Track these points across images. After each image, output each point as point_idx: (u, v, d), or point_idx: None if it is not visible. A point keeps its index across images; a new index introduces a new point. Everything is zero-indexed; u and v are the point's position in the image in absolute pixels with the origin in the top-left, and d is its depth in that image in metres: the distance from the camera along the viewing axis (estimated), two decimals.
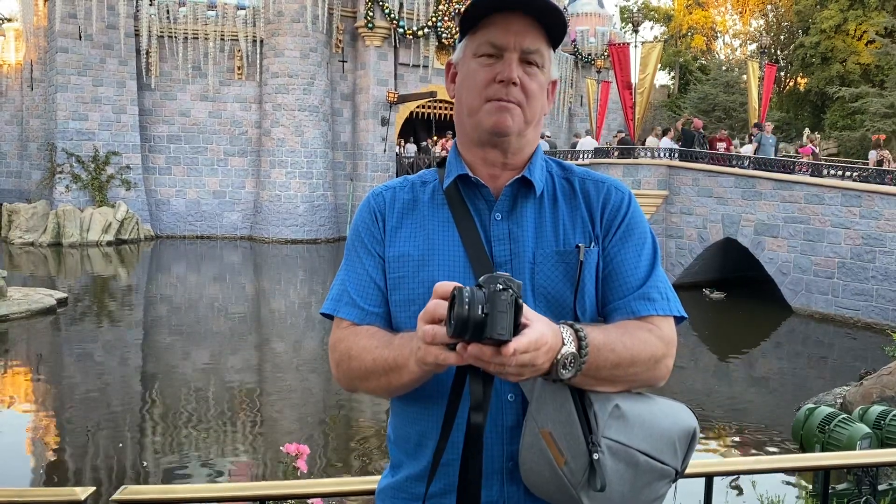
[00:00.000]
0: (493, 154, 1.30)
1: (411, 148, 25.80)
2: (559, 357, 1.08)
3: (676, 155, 17.22)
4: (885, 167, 15.45)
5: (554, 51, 1.30)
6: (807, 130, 19.07)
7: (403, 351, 1.17)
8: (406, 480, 1.31)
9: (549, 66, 1.29)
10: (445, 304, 1.03)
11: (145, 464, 6.81)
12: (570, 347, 1.09)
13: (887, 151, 16.80)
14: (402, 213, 1.34)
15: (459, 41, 1.33)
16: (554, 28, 1.25)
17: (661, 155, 17.26)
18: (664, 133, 18.82)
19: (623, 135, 21.40)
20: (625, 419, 1.14)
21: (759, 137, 17.22)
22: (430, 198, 1.34)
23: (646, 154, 17.39)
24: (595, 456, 1.11)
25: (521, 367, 1.03)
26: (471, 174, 1.31)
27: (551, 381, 1.13)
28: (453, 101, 1.36)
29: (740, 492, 5.78)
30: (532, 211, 1.30)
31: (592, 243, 1.29)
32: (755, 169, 15.90)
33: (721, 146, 17.77)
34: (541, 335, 1.04)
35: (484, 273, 1.23)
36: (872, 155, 16.93)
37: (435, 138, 25.94)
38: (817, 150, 18.94)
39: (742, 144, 19.49)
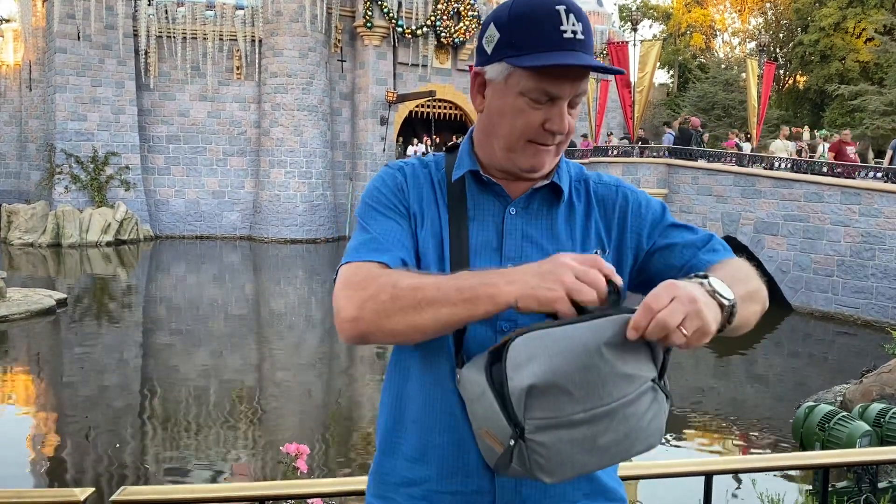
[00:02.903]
0: (516, 177, 1.28)
1: None
2: (721, 297, 1.05)
3: (674, 153, 17.24)
4: (803, 157, 16.02)
5: None
6: (806, 128, 19.09)
7: (495, 279, 1.07)
8: (403, 461, 1.28)
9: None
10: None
11: (148, 463, 6.81)
12: (729, 293, 1.07)
13: (804, 143, 17.42)
14: (417, 192, 1.29)
15: (493, 50, 1.21)
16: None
17: (663, 153, 17.30)
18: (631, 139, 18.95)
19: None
20: (545, 394, 1.03)
21: (894, 145, 15.04)
22: (441, 185, 1.31)
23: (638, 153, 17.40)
24: (511, 442, 1.04)
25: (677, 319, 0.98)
26: (483, 174, 1.28)
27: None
28: (476, 110, 1.29)
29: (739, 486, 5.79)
30: (549, 212, 1.29)
31: (606, 250, 1.29)
32: (753, 167, 15.92)
33: (851, 150, 15.36)
34: (662, 290, 1.01)
35: (458, 262, 1.22)
36: (791, 146, 17.39)
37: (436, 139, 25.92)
38: (742, 144, 19.12)
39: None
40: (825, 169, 14.74)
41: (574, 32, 1.15)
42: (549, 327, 1.03)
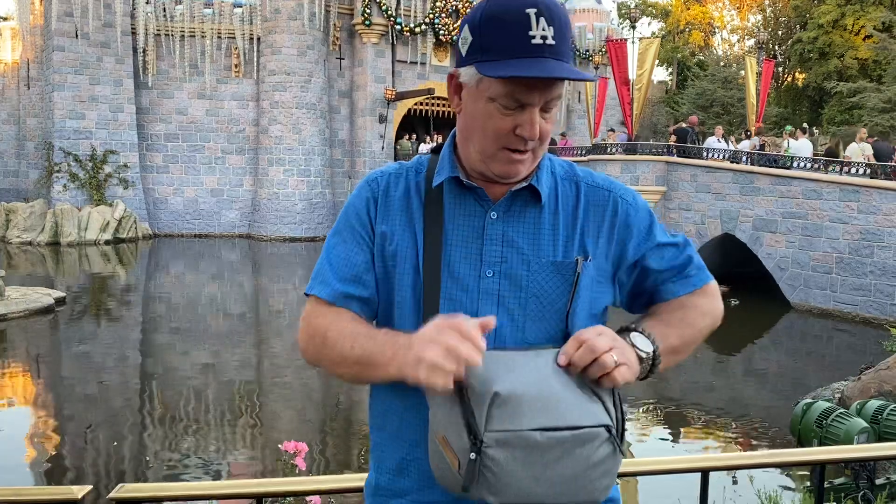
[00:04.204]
0: (493, 181, 1.27)
1: None
2: (639, 350, 1.17)
3: (675, 151, 17.24)
4: (766, 151, 16.31)
5: None
6: (805, 126, 19.04)
7: (387, 351, 1.13)
8: (385, 474, 1.30)
9: (563, 93, 1.25)
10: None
11: (147, 461, 6.81)
12: (648, 346, 1.20)
13: (769, 138, 17.52)
14: (390, 204, 1.29)
15: (466, 53, 1.20)
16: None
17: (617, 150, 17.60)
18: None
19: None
20: (507, 404, 1.04)
21: None
22: (418, 190, 1.29)
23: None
24: (472, 456, 1.04)
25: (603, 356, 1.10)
26: (464, 179, 1.25)
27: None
28: (455, 111, 1.30)
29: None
30: (531, 216, 1.25)
31: (590, 257, 1.26)
32: (752, 164, 15.92)
33: None
34: (589, 328, 1.14)
35: (430, 275, 1.22)
36: (755, 141, 17.51)
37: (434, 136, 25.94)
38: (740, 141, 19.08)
39: (738, 141, 19.47)
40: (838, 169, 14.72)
41: (544, 38, 1.12)
42: (496, 350, 1.13)
